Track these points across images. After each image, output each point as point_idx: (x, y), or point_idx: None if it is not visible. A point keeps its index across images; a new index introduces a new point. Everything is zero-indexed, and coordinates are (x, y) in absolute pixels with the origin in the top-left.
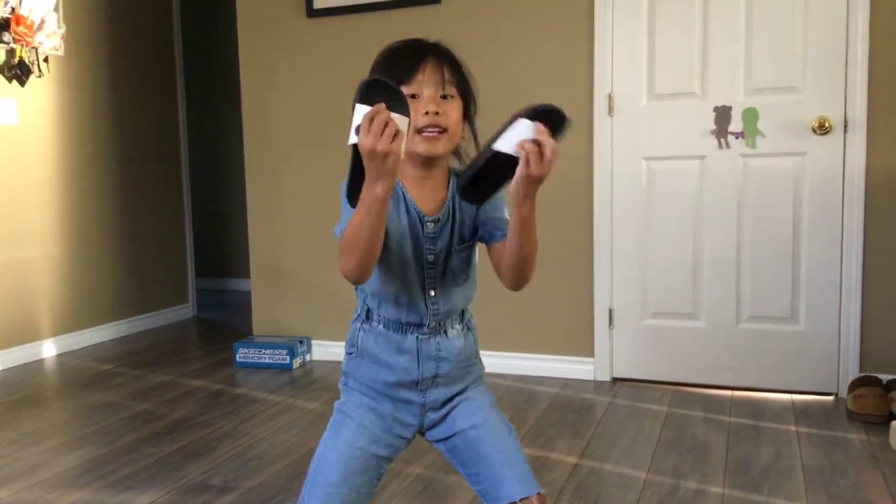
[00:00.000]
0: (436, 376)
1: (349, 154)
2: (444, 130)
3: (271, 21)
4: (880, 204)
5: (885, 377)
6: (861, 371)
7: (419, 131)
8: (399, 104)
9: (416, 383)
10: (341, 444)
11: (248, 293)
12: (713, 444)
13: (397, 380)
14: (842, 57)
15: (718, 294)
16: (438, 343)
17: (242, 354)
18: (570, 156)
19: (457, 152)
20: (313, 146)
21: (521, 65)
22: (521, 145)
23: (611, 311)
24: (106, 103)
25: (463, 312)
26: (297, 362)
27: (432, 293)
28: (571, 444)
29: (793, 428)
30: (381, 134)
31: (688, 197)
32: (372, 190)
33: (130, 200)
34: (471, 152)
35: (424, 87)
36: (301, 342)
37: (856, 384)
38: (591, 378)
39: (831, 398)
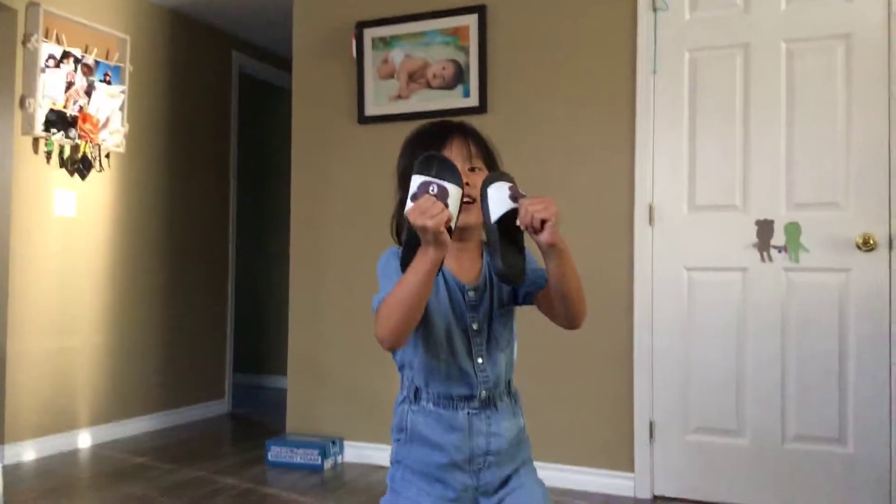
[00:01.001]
0: (487, 453)
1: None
2: (474, 200)
3: (324, 125)
4: None
5: None
6: None
7: None
8: (452, 175)
9: (469, 461)
10: None
11: (284, 391)
12: None
13: (450, 460)
14: (885, 173)
15: (763, 411)
16: (489, 417)
17: (275, 453)
18: (611, 264)
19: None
20: (359, 245)
21: (564, 172)
22: (518, 207)
23: (651, 424)
24: (160, 199)
25: (509, 385)
26: (328, 463)
27: (480, 360)
28: None
29: None
30: (430, 211)
31: (730, 309)
32: (426, 252)
33: (175, 294)
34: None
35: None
36: (333, 442)
37: None
38: (632, 494)
39: None
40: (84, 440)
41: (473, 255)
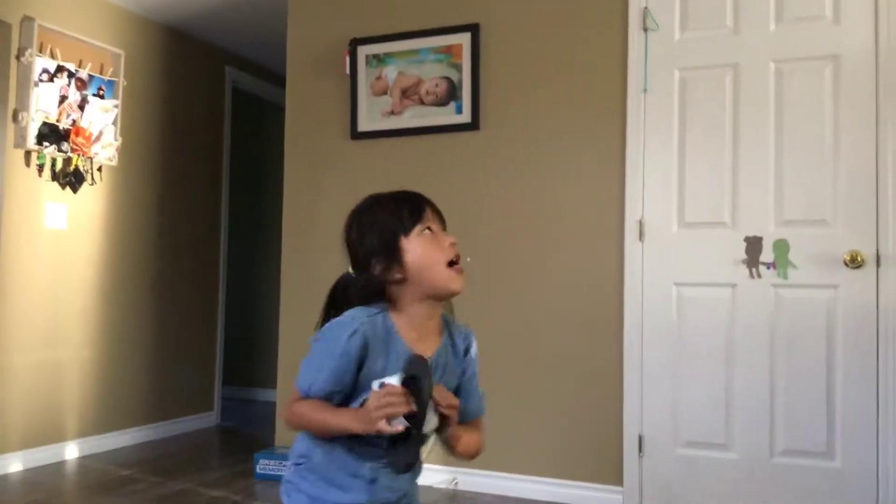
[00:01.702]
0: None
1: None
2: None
3: (317, 141)
4: None
5: None
6: None
7: (451, 263)
8: (426, 382)
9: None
10: None
11: (274, 404)
12: None
13: (349, 502)
14: (872, 191)
15: (751, 425)
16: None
17: (263, 466)
18: (601, 280)
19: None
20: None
21: (555, 188)
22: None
23: (641, 438)
24: (151, 213)
25: None
26: None
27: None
28: None
29: None
30: (391, 409)
31: (719, 324)
32: (359, 423)
33: (165, 307)
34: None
35: (433, 225)
36: None
37: None
38: None
39: None
40: (72, 452)
41: (433, 329)
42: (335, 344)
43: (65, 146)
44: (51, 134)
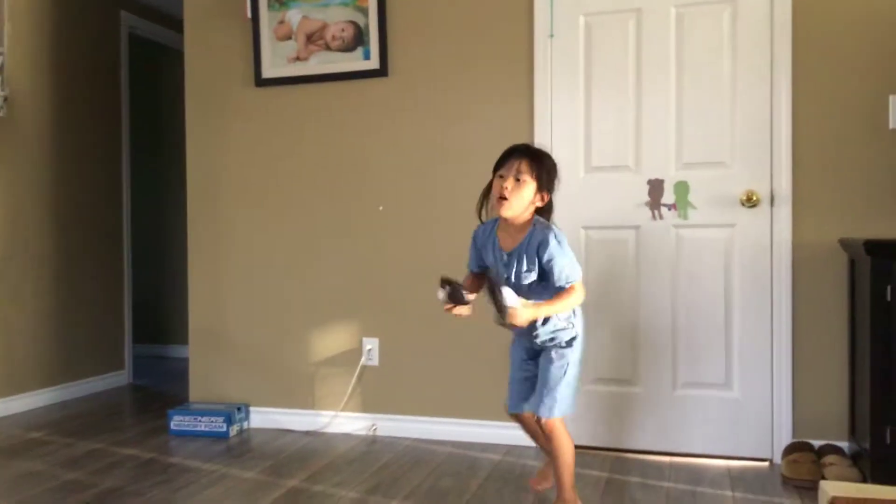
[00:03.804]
0: (534, 336)
1: (292, 222)
2: (506, 199)
3: (220, 89)
4: (807, 275)
5: (817, 443)
6: (794, 437)
7: (498, 198)
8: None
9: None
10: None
11: (187, 360)
12: None
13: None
14: (767, 133)
15: (655, 360)
16: (535, 327)
17: (177, 422)
18: None
19: (539, 210)
20: (257, 210)
21: (465, 134)
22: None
23: None
24: (46, 167)
25: None
26: (234, 430)
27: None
28: None
29: (729, 493)
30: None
31: (624, 265)
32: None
33: (69, 265)
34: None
35: (505, 173)
36: (239, 409)
37: (789, 450)
38: (534, 444)
39: (766, 464)
40: None
41: (517, 234)
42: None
43: None
44: None
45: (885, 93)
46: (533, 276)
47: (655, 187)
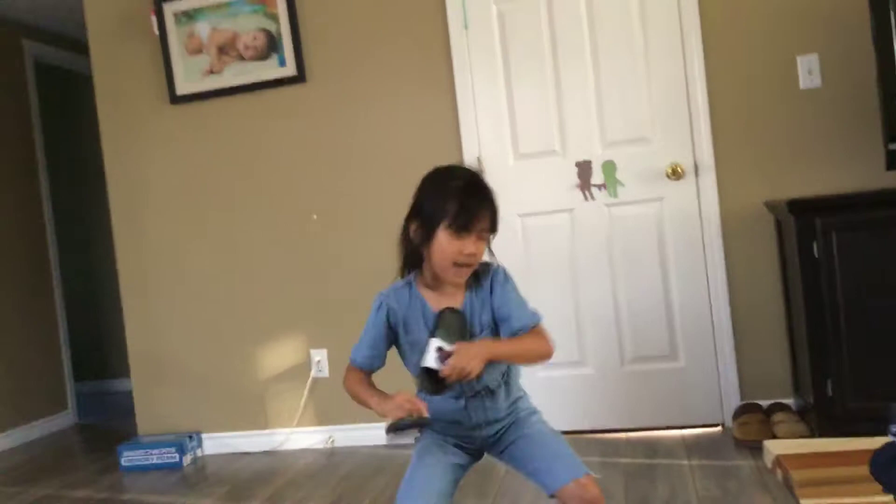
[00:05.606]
0: (486, 422)
1: (223, 239)
2: (470, 266)
3: (134, 110)
4: (737, 240)
5: (765, 402)
6: (742, 399)
7: (456, 263)
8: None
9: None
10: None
11: (131, 393)
12: (612, 487)
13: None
14: (685, 105)
15: (601, 339)
16: (485, 403)
17: (128, 457)
18: None
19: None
20: (185, 228)
21: (390, 134)
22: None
23: None
24: None
25: (504, 376)
26: (187, 459)
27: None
28: None
29: (685, 462)
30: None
31: (562, 249)
32: (378, 404)
33: None
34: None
35: (474, 232)
36: (191, 437)
37: (738, 412)
38: None
39: (718, 429)
40: None
41: (455, 291)
42: (369, 317)
43: None
44: None
45: (793, 53)
46: (488, 330)
47: (584, 169)
